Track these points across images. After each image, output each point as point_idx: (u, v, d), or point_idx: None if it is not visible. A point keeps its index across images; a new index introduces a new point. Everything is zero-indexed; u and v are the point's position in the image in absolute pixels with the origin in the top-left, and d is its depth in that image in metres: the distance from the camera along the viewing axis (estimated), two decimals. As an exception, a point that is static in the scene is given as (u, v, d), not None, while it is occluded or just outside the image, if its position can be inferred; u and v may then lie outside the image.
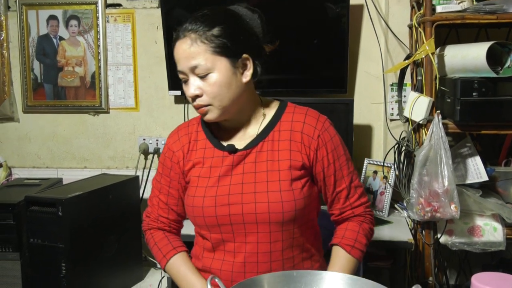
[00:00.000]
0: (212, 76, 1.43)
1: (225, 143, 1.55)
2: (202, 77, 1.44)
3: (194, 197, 1.52)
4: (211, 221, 1.49)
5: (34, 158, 3.13)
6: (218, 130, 1.59)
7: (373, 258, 2.47)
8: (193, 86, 1.45)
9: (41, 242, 2.23)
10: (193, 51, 1.42)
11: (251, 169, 1.49)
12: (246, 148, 1.52)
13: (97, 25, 2.97)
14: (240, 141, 1.54)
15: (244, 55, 1.46)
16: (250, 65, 1.48)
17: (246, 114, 1.55)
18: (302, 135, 1.51)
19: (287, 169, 1.48)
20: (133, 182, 2.67)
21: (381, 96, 2.78)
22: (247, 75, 1.48)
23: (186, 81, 1.48)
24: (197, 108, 1.49)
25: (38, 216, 2.23)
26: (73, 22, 3.00)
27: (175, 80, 2.80)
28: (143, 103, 3.01)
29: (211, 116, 1.48)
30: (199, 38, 1.42)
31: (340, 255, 1.52)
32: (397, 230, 2.43)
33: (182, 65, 1.45)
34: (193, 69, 1.43)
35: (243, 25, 1.49)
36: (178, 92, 2.85)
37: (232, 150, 1.52)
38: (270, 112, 1.57)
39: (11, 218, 2.30)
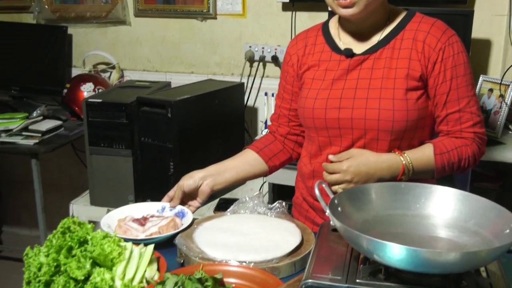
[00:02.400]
0: None
1: (343, 47, 1.51)
2: None
3: (306, 98, 1.52)
4: (320, 123, 1.49)
5: (144, 62, 3.23)
6: (339, 34, 1.55)
7: (480, 178, 2.39)
8: None
9: (151, 141, 2.34)
10: None
11: (366, 75, 1.45)
12: (364, 53, 1.48)
13: None
14: (359, 46, 1.49)
15: None
16: None
17: (373, 18, 1.48)
18: (424, 45, 1.42)
19: (404, 77, 1.42)
20: (238, 89, 2.71)
21: (505, 7, 2.56)
22: None
23: None
24: None
25: (149, 117, 2.33)
26: None
27: (284, -14, 2.74)
28: (250, 9, 2.97)
29: (355, 9, 1.41)
30: None
31: (424, 150, 1.44)
32: (509, 151, 2.32)
33: None
34: None
35: None
36: (286, -1, 2.79)
37: (349, 54, 1.49)
38: (396, 20, 1.49)
39: (124, 117, 2.41)
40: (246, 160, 1.65)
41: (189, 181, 1.55)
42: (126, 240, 1.24)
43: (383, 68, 1.44)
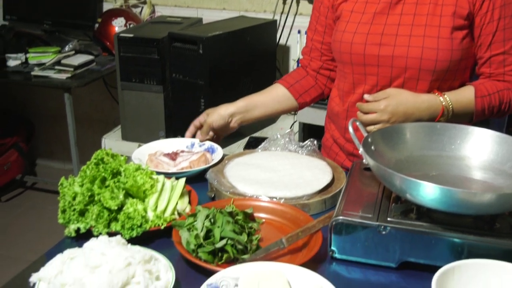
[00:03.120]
0: None
1: None
2: None
3: (344, 32, 1.45)
4: (357, 59, 1.43)
5: (175, -3, 3.18)
6: None
7: (516, 123, 2.33)
8: None
9: (183, 77, 2.33)
10: None
11: (410, 11, 1.39)
12: None
13: None
14: None
15: None
16: None
17: None
18: None
19: (451, 15, 1.35)
20: (270, 26, 2.65)
21: None
22: None
23: None
24: None
25: (180, 53, 2.31)
26: None
27: None
28: None
29: None
30: None
31: (465, 92, 1.40)
32: (549, 96, 2.24)
33: None
34: None
35: None
36: None
37: None
38: None
39: (156, 52, 2.40)
40: (275, 96, 1.63)
41: (217, 117, 1.55)
42: (158, 173, 1.25)
43: (428, 3, 1.37)
